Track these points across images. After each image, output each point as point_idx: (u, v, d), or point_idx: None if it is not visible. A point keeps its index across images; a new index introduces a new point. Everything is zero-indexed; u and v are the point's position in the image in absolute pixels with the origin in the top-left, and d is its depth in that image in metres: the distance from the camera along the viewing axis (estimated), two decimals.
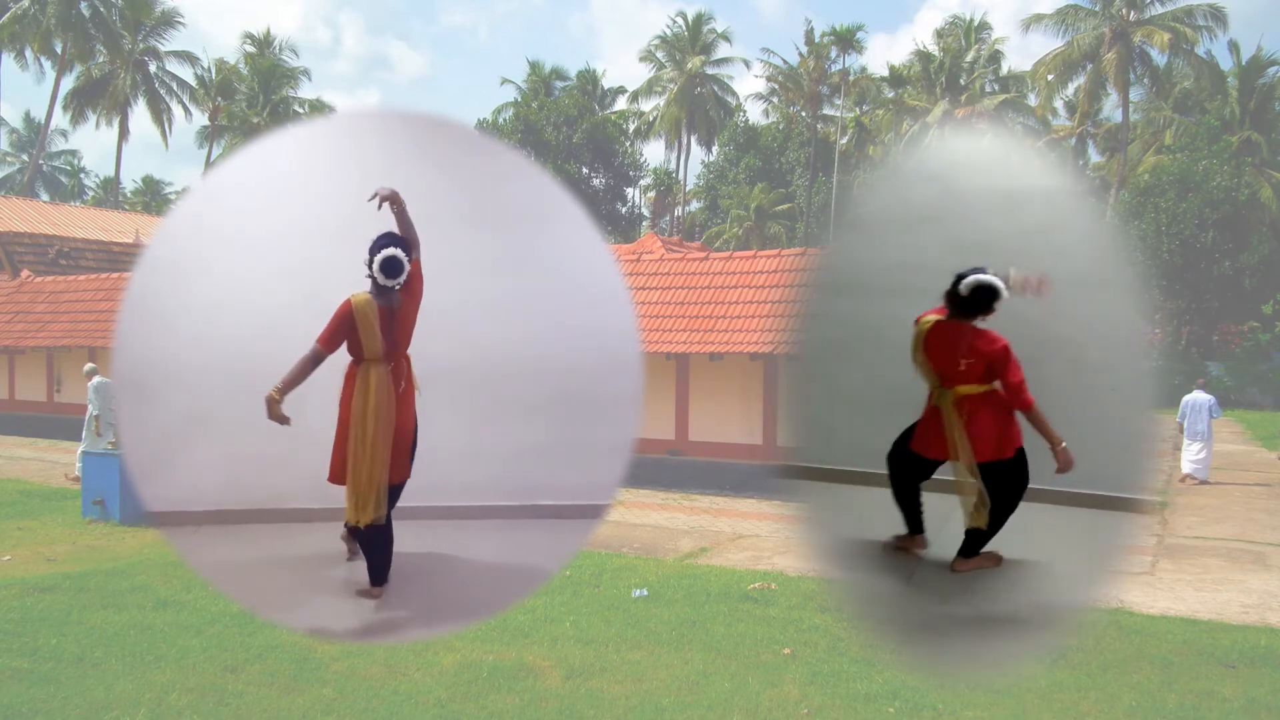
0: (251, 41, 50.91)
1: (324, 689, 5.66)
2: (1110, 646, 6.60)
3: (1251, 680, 6.11)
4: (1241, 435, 23.74)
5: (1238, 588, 8.66)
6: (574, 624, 7.04)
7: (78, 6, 43.25)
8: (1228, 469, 16.59)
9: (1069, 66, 40.95)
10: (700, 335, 14.79)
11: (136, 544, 9.74)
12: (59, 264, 26.08)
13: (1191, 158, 34.88)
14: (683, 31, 54.22)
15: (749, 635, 6.87)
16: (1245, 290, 36.04)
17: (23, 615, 7.13)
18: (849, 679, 5.91)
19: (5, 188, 56.94)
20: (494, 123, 51.43)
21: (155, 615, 7.16)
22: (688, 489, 14.48)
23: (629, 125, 55.73)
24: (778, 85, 52.56)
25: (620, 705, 5.51)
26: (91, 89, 46.33)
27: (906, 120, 45.85)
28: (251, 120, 44.49)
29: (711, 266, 15.97)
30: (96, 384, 13.12)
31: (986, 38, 47.22)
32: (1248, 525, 11.74)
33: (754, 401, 15.26)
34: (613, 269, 3.33)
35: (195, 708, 5.39)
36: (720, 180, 54.07)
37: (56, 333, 21.37)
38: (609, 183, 51.28)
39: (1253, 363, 35.37)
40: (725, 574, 8.81)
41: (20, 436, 20.88)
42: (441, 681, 5.79)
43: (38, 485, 13.88)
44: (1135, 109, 43.71)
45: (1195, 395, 15.25)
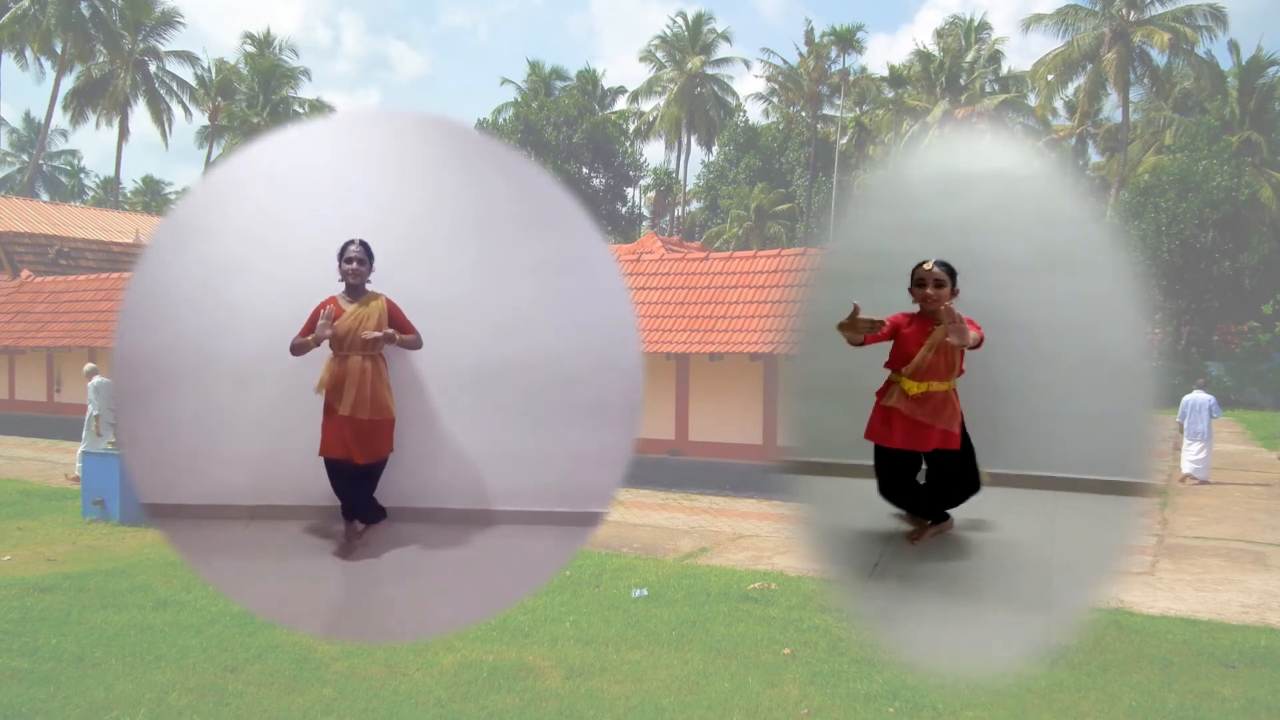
0: (251, 41, 50.93)
1: (324, 689, 5.66)
2: (1110, 646, 6.60)
3: (1251, 680, 6.10)
4: (1241, 435, 23.74)
5: (1238, 588, 8.66)
6: (574, 624, 7.04)
7: (78, 6, 43.24)
8: (1228, 469, 16.59)
9: (1069, 66, 40.94)
10: (700, 335, 14.79)
11: (136, 544, 9.74)
12: (59, 264, 26.07)
13: (1191, 158, 34.86)
14: (683, 31, 54.23)
15: (749, 635, 6.87)
16: (1245, 290, 36.04)
17: (23, 615, 7.13)
18: (849, 679, 5.91)
19: (5, 188, 56.94)
20: (494, 123, 51.41)
21: (155, 615, 7.16)
22: (688, 489, 14.48)
23: (629, 125, 55.73)
24: (778, 85, 52.56)
25: (620, 705, 5.51)
26: (91, 89, 46.31)
27: (906, 120, 45.84)
28: (251, 120, 44.48)
29: (711, 266, 15.97)
30: (96, 384, 13.12)
31: (986, 38, 47.21)
32: (1248, 525, 11.74)
33: (754, 401, 15.25)
34: (613, 269, 3.32)
35: (195, 708, 5.39)
36: (720, 180, 54.07)
37: (56, 333, 21.37)
38: (609, 183, 51.26)
39: (1253, 363, 35.36)
40: (725, 574, 8.81)
41: (20, 436, 20.88)
42: (441, 681, 5.79)
43: (38, 485, 13.88)
44: (1135, 109, 43.73)
45: (1195, 395, 15.25)
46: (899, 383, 2.88)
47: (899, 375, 2.88)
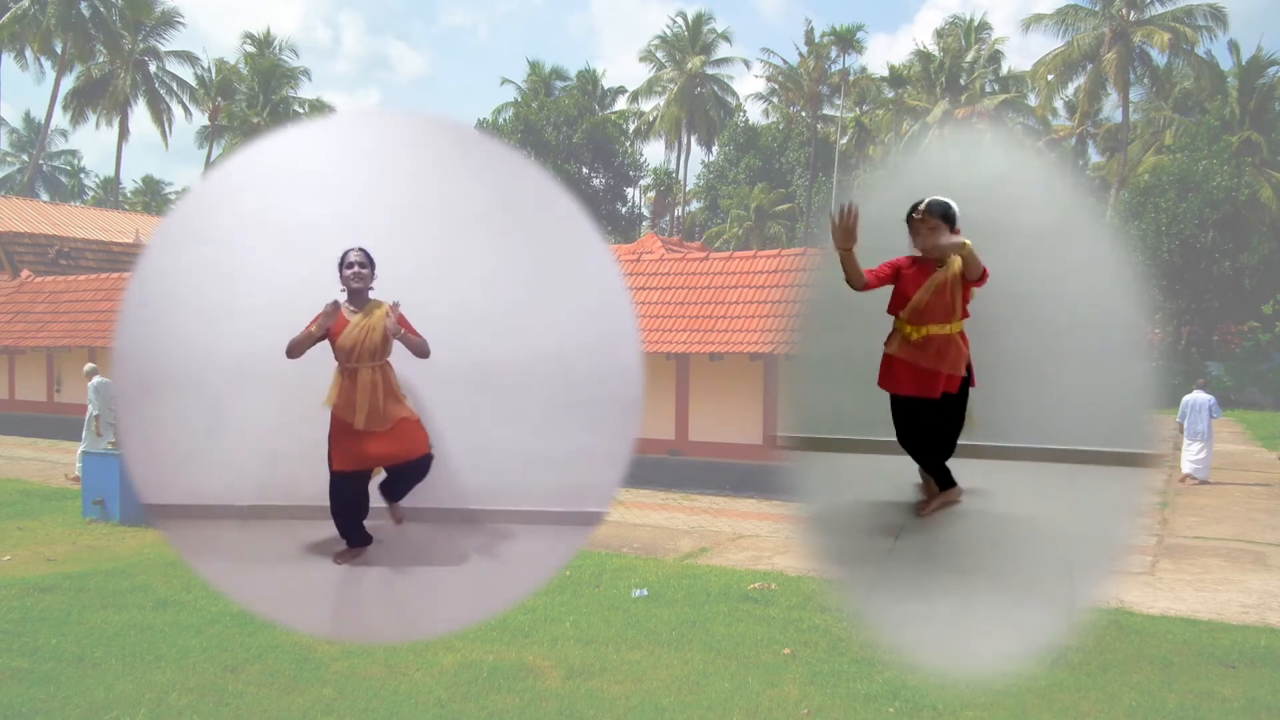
0: (251, 41, 50.91)
1: (324, 689, 5.66)
2: (1110, 646, 6.59)
3: (1251, 680, 6.10)
4: (1241, 435, 23.74)
5: (1238, 588, 8.66)
6: (574, 624, 7.04)
7: (78, 6, 43.23)
8: (1228, 469, 16.59)
9: (1069, 66, 40.93)
10: (700, 335, 14.79)
11: (136, 544, 9.74)
12: (59, 264, 26.06)
13: (1191, 158, 34.86)
14: (683, 31, 54.22)
15: (749, 635, 6.87)
16: (1245, 290, 36.03)
17: (23, 615, 7.13)
18: (849, 679, 5.91)
19: (5, 188, 56.93)
20: (494, 123, 51.41)
21: (155, 615, 7.16)
22: (688, 489, 14.48)
23: (629, 125, 55.71)
24: (778, 85, 52.55)
25: (620, 705, 5.51)
26: (91, 89, 46.30)
27: (906, 120, 45.84)
28: (251, 120, 44.47)
29: (711, 266, 15.97)
30: (96, 384, 13.12)
31: (986, 38, 47.21)
32: (1248, 525, 11.74)
33: (754, 401, 15.25)
34: (613, 270, 3.32)
35: (195, 708, 5.39)
36: (720, 180, 54.06)
37: (56, 333, 21.36)
38: (609, 183, 51.25)
39: (1253, 363, 35.35)
40: (725, 574, 8.81)
41: (20, 436, 20.88)
42: (441, 681, 5.79)
43: (38, 485, 13.87)
44: (1135, 109, 43.72)
45: (1195, 395, 15.24)
46: (900, 328, 2.81)
47: (900, 320, 2.80)
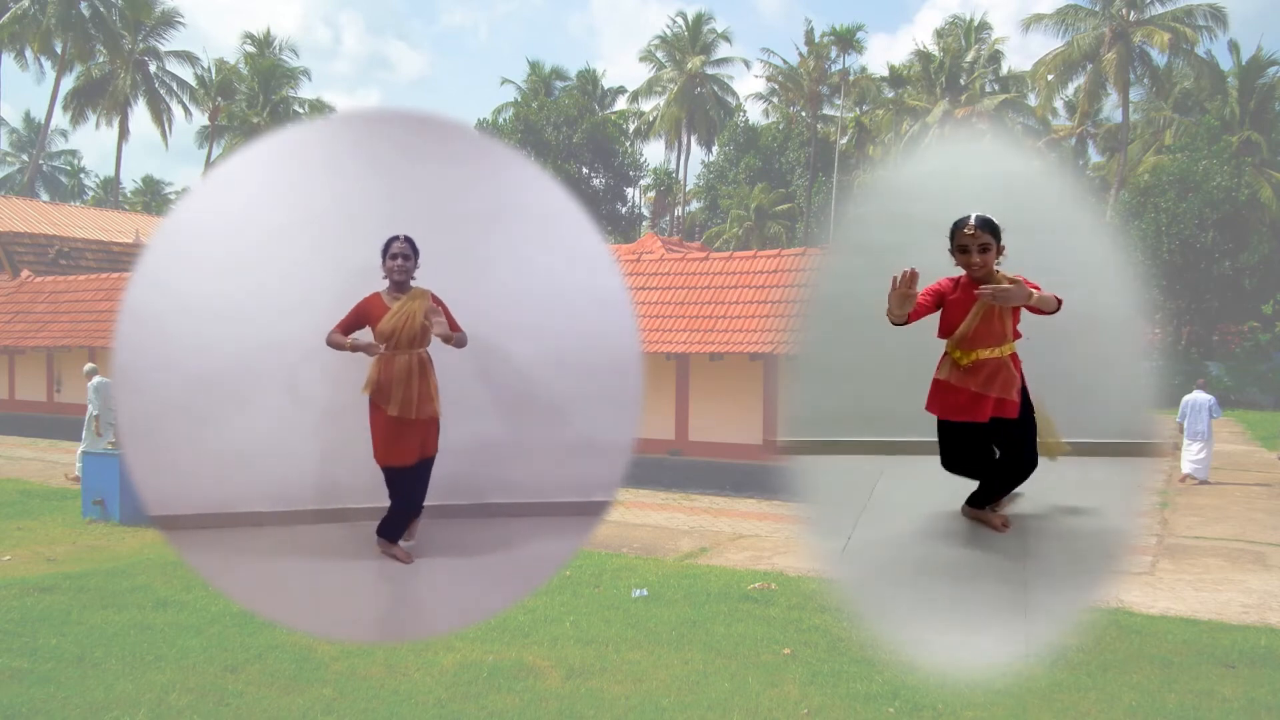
0: (251, 41, 50.89)
1: (324, 689, 5.66)
2: (1110, 646, 6.59)
3: (1251, 680, 6.10)
4: (1241, 435, 23.73)
5: (1238, 588, 8.66)
6: (574, 624, 7.04)
7: (78, 6, 43.22)
8: (1228, 469, 16.58)
9: (1069, 66, 40.91)
10: (700, 335, 14.78)
11: (136, 544, 9.74)
12: (59, 264, 26.06)
13: (1191, 158, 34.86)
14: (683, 31, 54.21)
15: (749, 635, 6.87)
16: (1245, 290, 36.04)
17: (23, 615, 7.13)
18: (849, 679, 5.91)
19: (5, 188, 56.91)
20: (494, 123, 51.41)
21: (155, 615, 7.16)
22: (688, 489, 14.48)
23: (629, 125, 55.71)
24: (778, 85, 52.55)
25: (620, 705, 5.51)
26: (91, 89, 46.28)
27: (906, 120, 45.83)
28: (251, 120, 44.47)
29: (711, 266, 15.96)
30: (96, 384, 13.11)
31: (986, 38, 47.21)
32: (1248, 525, 11.73)
33: (754, 401, 15.25)
34: (613, 269, 3.32)
35: (195, 708, 5.39)
36: (720, 180, 54.05)
37: (56, 333, 21.36)
38: (609, 183, 51.24)
39: (1253, 363, 35.35)
40: (725, 574, 8.81)
41: (20, 436, 20.88)
42: (441, 681, 5.79)
43: (38, 485, 13.87)
44: (1135, 109, 43.71)
45: (1195, 395, 15.24)
46: (950, 353, 2.73)
47: (950, 345, 2.73)
